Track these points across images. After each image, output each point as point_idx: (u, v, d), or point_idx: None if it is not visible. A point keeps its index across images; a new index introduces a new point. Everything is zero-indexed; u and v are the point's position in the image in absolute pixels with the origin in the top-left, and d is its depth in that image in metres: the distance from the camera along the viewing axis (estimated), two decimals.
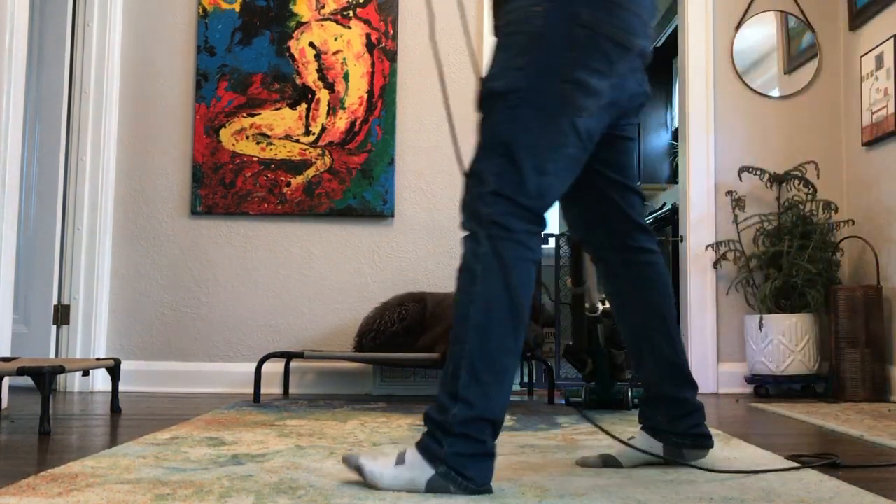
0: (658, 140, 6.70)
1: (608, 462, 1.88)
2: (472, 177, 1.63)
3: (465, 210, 1.63)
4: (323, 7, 4.03)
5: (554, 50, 1.61)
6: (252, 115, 3.98)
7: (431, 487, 1.56)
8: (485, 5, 4.06)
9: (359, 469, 1.63)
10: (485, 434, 1.57)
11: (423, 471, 1.57)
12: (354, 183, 3.95)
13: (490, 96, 1.65)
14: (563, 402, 3.35)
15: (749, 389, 4.00)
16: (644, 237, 1.91)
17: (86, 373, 3.78)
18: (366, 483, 1.62)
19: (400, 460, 1.60)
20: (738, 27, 4.18)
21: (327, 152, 3.96)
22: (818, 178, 4.06)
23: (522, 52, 1.64)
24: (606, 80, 1.64)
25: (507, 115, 1.61)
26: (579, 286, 2.85)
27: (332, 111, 3.98)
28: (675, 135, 6.26)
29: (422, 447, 1.59)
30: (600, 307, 2.97)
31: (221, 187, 3.93)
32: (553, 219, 8.17)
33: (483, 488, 1.57)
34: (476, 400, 1.56)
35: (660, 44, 6.42)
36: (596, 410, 3.07)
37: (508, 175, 1.59)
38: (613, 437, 1.84)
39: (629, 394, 3.10)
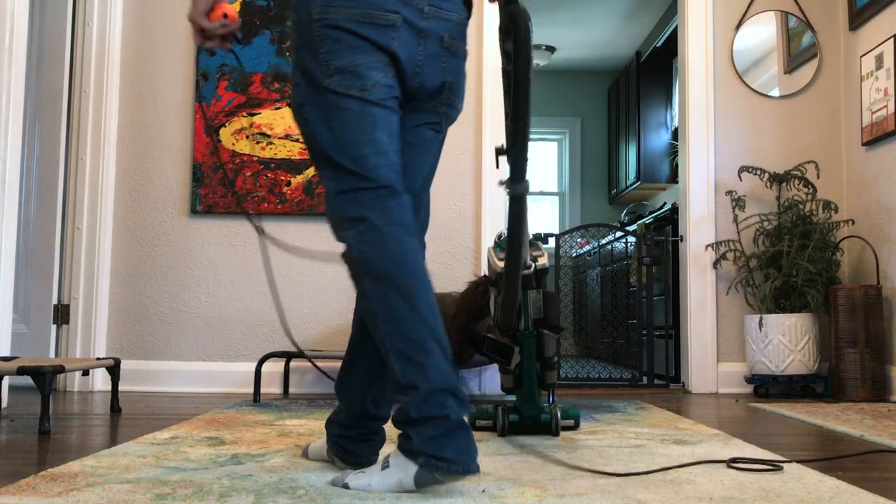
0: (658, 140, 6.70)
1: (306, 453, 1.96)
2: (324, 188, 1.72)
3: (330, 223, 1.71)
4: None
5: (310, 53, 1.69)
6: (252, 115, 3.98)
7: (419, 482, 1.55)
8: (484, 7, 4.06)
9: (346, 488, 1.62)
10: (444, 408, 1.55)
11: (406, 469, 1.56)
12: None
13: (295, 115, 1.75)
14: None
15: (749, 389, 4.00)
16: None
17: (85, 372, 3.78)
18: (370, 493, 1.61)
19: (385, 465, 1.60)
20: (738, 27, 4.18)
21: None
22: (818, 177, 4.06)
23: (295, 67, 1.74)
24: (375, 54, 1.66)
25: (311, 127, 1.70)
26: (520, 182, 1.80)
27: None
28: (675, 134, 6.26)
29: (400, 447, 1.59)
30: (532, 264, 2.18)
31: (221, 187, 3.94)
32: (553, 219, 8.17)
33: (467, 467, 1.54)
34: (417, 380, 1.56)
35: (660, 44, 6.42)
36: (516, 436, 2.34)
37: (339, 176, 1.67)
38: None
39: (557, 413, 2.35)
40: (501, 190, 3.98)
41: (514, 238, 1.87)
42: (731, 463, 1.89)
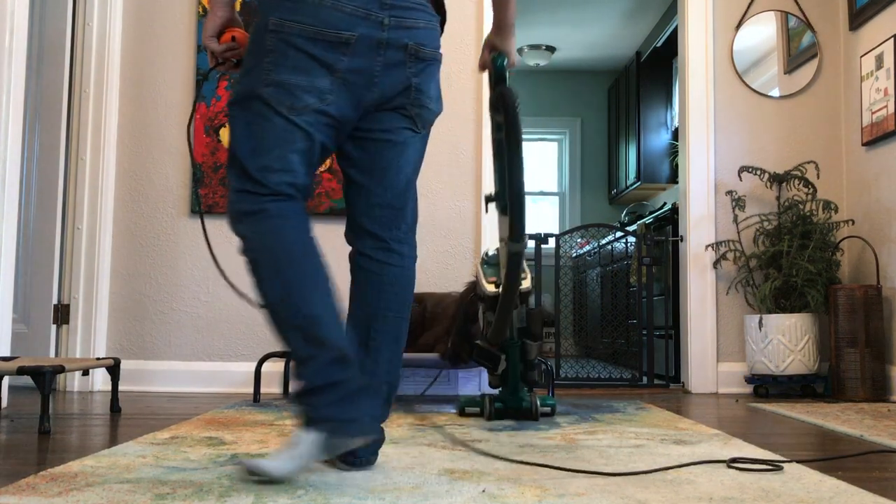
0: (658, 140, 6.70)
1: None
2: (227, 182, 1.78)
3: (228, 218, 1.76)
4: None
5: (256, 59, 1.73)
6: None
7: (329, 449, 1.62)
8: (484, 5, 4.06)
9: (256, 472, 1.65)
10: (344, 372, 1.63)
11: (310, 439, 1.62)
12: None
13: (227, 107, 1.81)
14: (457, 412, 2.87)
15: (749, 389, 4.00)
16: (369, 243, 1.89)
17: (85, 372, 3.78)
18: (273, 480, 1.64)
19: (293, 443, 1.65)
20: (738, 27, 4.18)
21: None
22: (818, 177, 4.06)
23: (244, 67, 1.78)
24: (317, 77, 1.70)
25: (233, 125, 1.76)
26: (517, 242, 2.04)
27: None
28: (675, 135, 6.26)
29: (303, 423, 1.65)
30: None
31: (221, 187, 3.94)
32: (553, 219, 8.17)
33: (368, 427, 1.62)
34: (315, 351, 1.64)
35: (660, 44, 6.43)
36: (501, 420, 2.66)
37: (241, 177, 1.73)
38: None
39: (536, 401, 2.66)
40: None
41: (509, 289, 2.14)
42: (731, 463, 1.89)
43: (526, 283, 2.47)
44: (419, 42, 1.79)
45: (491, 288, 2.57)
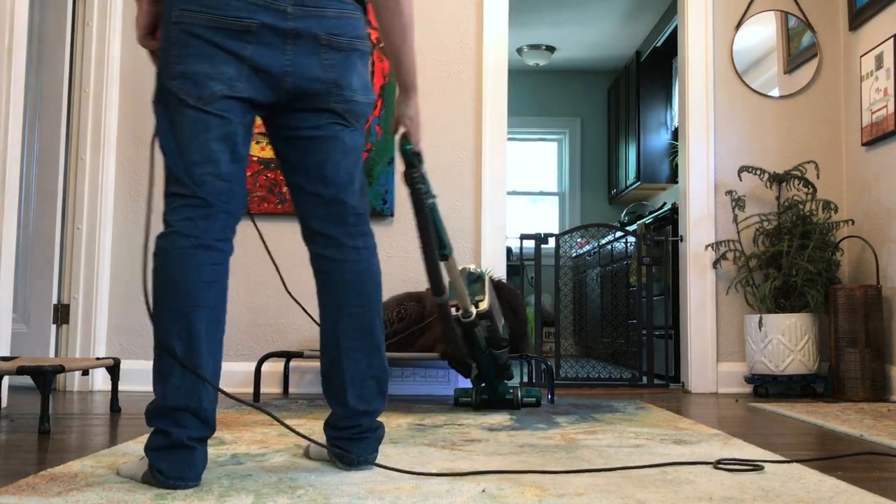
0: (658, 140, 6.70)
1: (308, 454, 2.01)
2: None
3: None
4: None
5: (164, 54, 1.74)
6: None
7: (145, 479, 1.66)
8: (485, 5, 4.06)
9: (119, 471, 1.76)
10: (171, 425, 1.64)
11: (142, 466, 1.69)
12: None
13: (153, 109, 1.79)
14: (453, 402, 3.27)
15: (749, 389, 4.00)
16: (320, 242, 1.88)
17: (85, 372, 3.78)
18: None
19: (143, 456, 1.71)
20: (738, 27, 4.18)
21: None
22: (818, 177, 4.06)
23: (160, 63, 1.77)
24: (223, 64, 1.69)
25: (157, 123, 1.75)
26: (438, 296, 2.44)
27: None
28: (675, 134, 6.26)
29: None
30: (473, 311, 2.78)
31: None
32: (553, 219, 8.17)
33: (174, 484, 1.62)
34: (157, 392, 1.67)
35: (660, 44, 6.43)
36: (487, 410, 3.05)
37: (169, 177, 1.73)
38: (305, 437, 1.83)
39: (518, 393, 3.09)
40: (497, 193, 3.99)
41: (449, 332, 2.64)
42: (717, 464, 1.88)
43: (483, 306, 2.83)
44: (331, 32, 1.76)
45: (451, 311, 2.83)
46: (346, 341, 1.83)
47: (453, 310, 2.77)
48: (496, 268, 3.92)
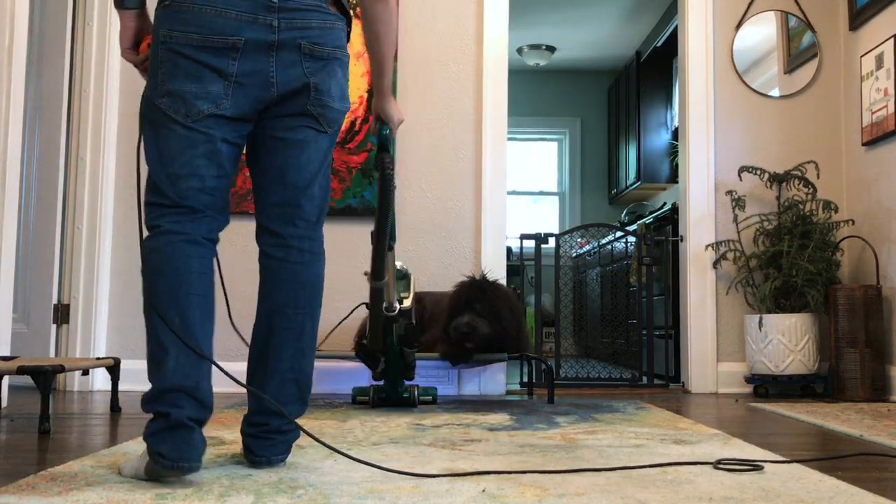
0: (658, 140, 6.70)
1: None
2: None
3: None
4: None
5: (153, 71, 1.78)
6: None
7: (149, 473, 1.67)
8: (485, 5, 4.06)
9: (120, 470, 1.77)
10: (170, 406, 1.66)
11: (143, 459, 1.69)
12: (354, 182, 3.95)
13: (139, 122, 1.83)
14: (351, 401, 3.29)
15: (749, 389, 4.00)
16: (268, 240, 1.90)
17: (85, 372, 3.78)
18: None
19: (141, 453, 1.72)
20: (738, 27, 4.18)
21: None
22: (818, 177, 4.06)
23: (148, 79, 1.82)
24: (210, 83, 1.73)
25: (143, 136, 1.80)
26: (378, 280, 2.42)
27: None
28: (675, 134, 6.26)
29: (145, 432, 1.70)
30: (398, 306, 2.79)
31: None
32: (553, 219, 8.16)
33: (178, 465, 1.62)
34: (154, 377, 1.70)
35: (660, 44, 6.43)
36: (383, 408, 3.08)
37: (152, 187, 1.78)
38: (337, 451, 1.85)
39: (416, 392, 3.14)
40: (497, 193, 3.99)
41: (373, 316, 2.57)
42: (717, 464, 1.88)
43: (407, 303, 2.89)
44: (313, 41, 1.80)
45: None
46: (274, 340, 1.89)
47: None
48: (496, 268, 3.92)
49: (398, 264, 3.03)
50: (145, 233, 1.80)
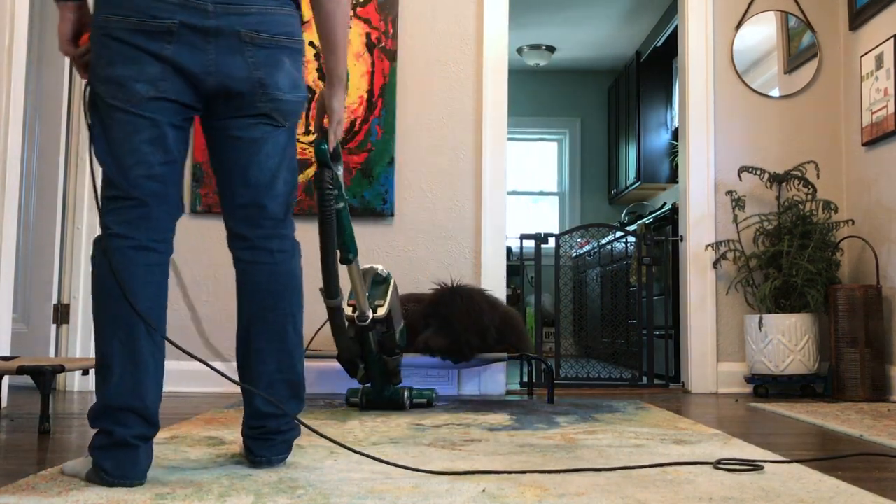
0: (658, 140, 6.70)
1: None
2: None
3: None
4: None
5: (93, 59, 1.75)
6: None
7: (89, 479, 1.67)
8: (485, 5, 4.06)
9: (62, 472, 1.76)
10: (113, 424, 1.65)
11: (86, 464, 1.70)
12: (354, 182, 3.95)
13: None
14: (344, 402, 3.28)
15: (749, 389, 4.00)
16: (237, 244, 1.90)
17: (85, 372, 3.78)
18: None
19: (87, 454, 1.71)
20: (738, 27, 4.18)
21: None
22: (818, 177, 4.06)
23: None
24: (146, 66, 1.70)
25: (90, 129, 1.77)
26: (331, 298, 2.36)
27: None
28: (675, 134, 6.26)
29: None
30: (370, 315, 2.81)
31: None
32: (553, 219, 8.16)
33: (119, 482, 1.63)
34: (98, 392, 1.69)
35: (660, 44, 6.42)
36: (373, 410, 3.07)
37: (105, 180, 1.75)
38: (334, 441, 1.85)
39: (405, 394, 3.12)
40: (497, 193, 3.99)
41: (335, 330, 2.49)
42: (717, 464, 1.88)
43: (381, 312, 2.87)
44: (254, 29, 1.75)
45: (348, 311, 2.85)
46: (257, 343, 1.88)
47: (350, 310, 2.79)
48: (496, 268, 3.92)
49: (378, 268, 3.04)
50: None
